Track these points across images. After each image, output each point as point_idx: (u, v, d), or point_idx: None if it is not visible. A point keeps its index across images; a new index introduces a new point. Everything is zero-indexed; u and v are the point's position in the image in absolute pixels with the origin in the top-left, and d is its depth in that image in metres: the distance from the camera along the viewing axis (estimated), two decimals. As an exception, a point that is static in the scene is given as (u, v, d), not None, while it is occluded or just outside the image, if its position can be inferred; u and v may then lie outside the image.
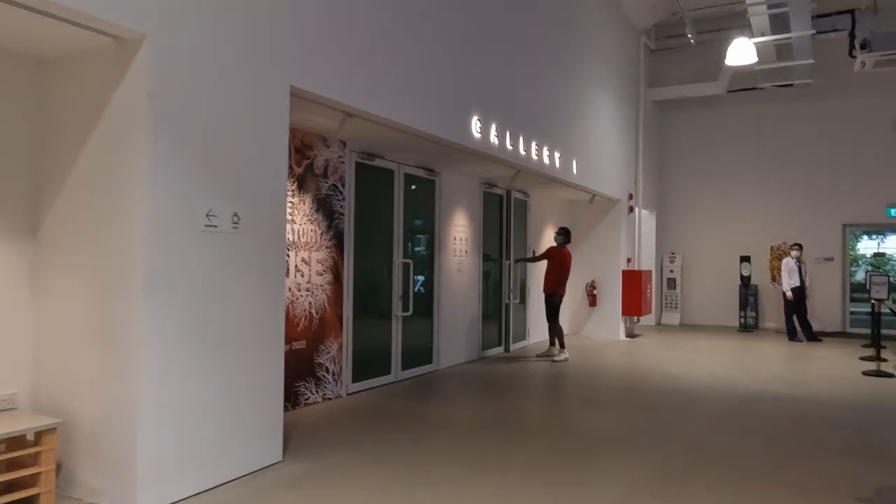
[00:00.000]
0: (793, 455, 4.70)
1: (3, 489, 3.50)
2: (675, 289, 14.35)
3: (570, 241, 9.39)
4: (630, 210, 12.04)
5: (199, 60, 3.72)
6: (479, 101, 6.82)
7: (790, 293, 11.34)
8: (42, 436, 3.50)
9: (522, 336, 10.33)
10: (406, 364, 7.42)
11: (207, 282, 3.77)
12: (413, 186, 7.61)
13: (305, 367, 5.92)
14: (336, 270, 6.28)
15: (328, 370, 6.18)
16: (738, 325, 13.30)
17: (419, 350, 7.73)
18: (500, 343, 9.65)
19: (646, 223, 13.40)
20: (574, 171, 9.44)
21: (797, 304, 11.46)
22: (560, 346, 9.13)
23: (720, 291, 13.95)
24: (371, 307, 6.93)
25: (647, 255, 13.49)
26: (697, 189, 14.37)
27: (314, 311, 6.01)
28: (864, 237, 13.30)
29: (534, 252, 10.44)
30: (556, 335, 9.16)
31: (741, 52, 10.46)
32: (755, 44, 10.70)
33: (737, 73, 12.56)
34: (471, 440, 4.96)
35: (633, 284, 11.56)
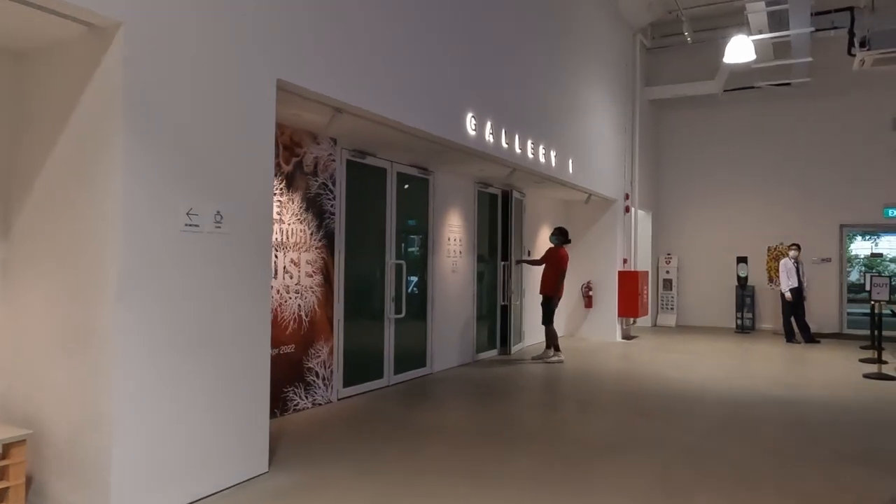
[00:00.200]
0: (799, 462, 4.54)
1: (-31, 505, 3.31)
2: (672, 290, 14.21)
3: (569, 241, 9.21)
4: (626, 210, 11.89)
5: (179, 50, 3.53)
6: (474, 98, 6.65)
7: (789, 294, 11.21)
8: (11, 448, 3.30)
9: (519, 338, 10.15)
10: (399, 368, 7.23)
11: (188, 285, 3.57)
12: (406, 186, 7.43)
13: (294, 372, 5.73)
14: (326, 272, 6.09)
15: (318, 375, 5.98)
16: (735, 327, 13.17)
17: (412, 353, 7.54)
18: (495, 346, 9.47)
19: (642, 223, 13.23)
20: (570, 171, 9.28)
21: (795, 306, 11.33)
22: (555, 349, 8.98)
23: (717, 292, 13.81)
24: (363, 309, 6.74)
25: (643, 256, 13.34)
26: (694, 189, 14.23)
27: (303, 314, 5.81)
28: (858, 238, 13.19)
29: (528, 252, 10.27)
30: (552, 338, 9.00)
31: (739, 50, 10.32)
32: (753, 41, 10.56)
33: (733, 72, 12.43)
34: (465, 448, 4.78)
35: (630, 286, 11.40)
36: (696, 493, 3.92)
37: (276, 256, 5.54)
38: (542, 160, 8.32)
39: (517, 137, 7.56)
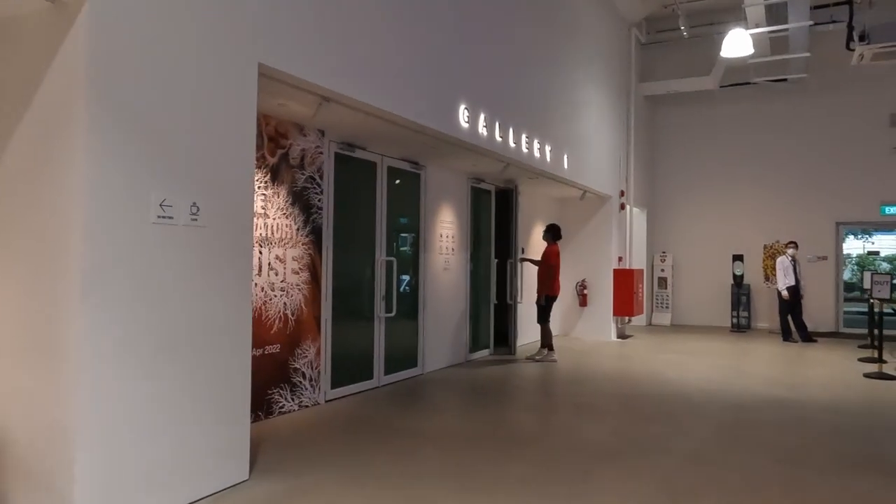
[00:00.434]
0: (807, 469, 4.35)
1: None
2: (667, 288, 14.05)
3: (560, 237, 8.98)
4: (621, 207, 11.70)
5: (151, 29, 3.28)
6: (467, 89, 6.42)
7: (786, 292, 11.06)
8: (-33, 457, 3.06)
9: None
10: (389, 368, 7.00)
11: (161, 282, 3.33)
12: (397, 181, 7.20)
13: (280, 373, 5.49)
14: (313, 269, 5.86)
15: (305, 376, 5.75)
16: (731, 326, 13.01)
17: (403, 353, 7.31)
18: (489, 345, 9.25)
19: (637, 221, 13.05)
20: (565, 166, 9.08)
21: (792, 304, 11.17)
22: (549, 348, 8.78)
23: (712, 291, 13.65)
24: (352, 308, 6.51)
25: (638, 254, 13.17)
26: (689, 186, 14.07)
27: (289, 313, 5.57)
28: (850, 236, 13.06)
29: (522, 250, 10.05)
30: (546, 337, 8.80)
31: (737, 44, 10.15)
32: (751, 35, 10.38)
33: (730, 68, 12.27)
34: (458, 453, 4.56)
35: (625, 284, 11.21)
36: (703, 502, 3.71)
37: (261, 252, 5.30)
38: (537, 155, 8.11)
39: (511, 131, 7.34)
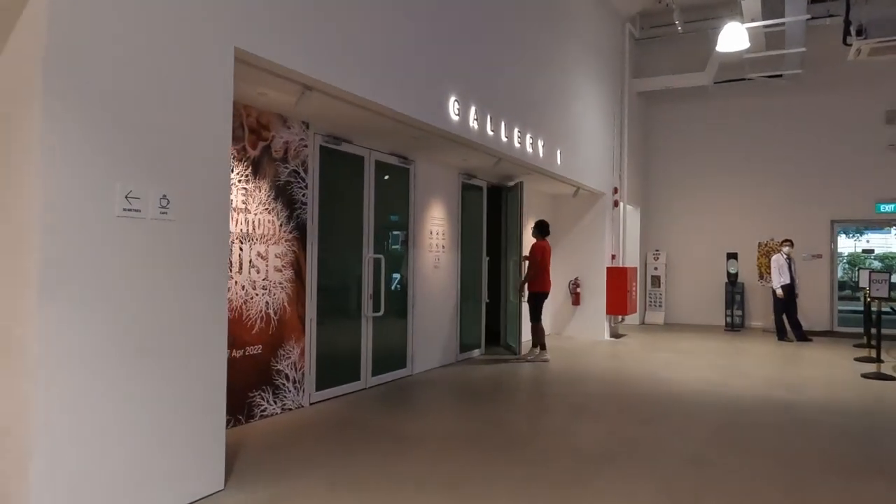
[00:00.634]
0: (811, 475, 4.17)
1: None
2: (660, 287, 13.90)
3: (548, 234, 8.74)
4: (615, 204, 11.52)
5: (117, 7, 3.05)
6: (458, 81, 6.21)
7: (780, 291, 10.91)
8: (-87, 469, 2.83)
9: (505, 336, 9.75)
10: (377, 369, 6.78)
11: (127, 279, 3.11)
12: (386, 176, 6.98)
13: (262, 375, 5.27)
14: (297, 266, 5.63)
15: (288, 377, 5.53)
16: (725, 325, 12.87)
17: (392, 353, 7.10)
18: (480, 345, 9.05)
19: (630, 218, 12.88)
20: (558, 162, 8.88)
21: (787, 303, 11.03)
22: (541, 348, 8.59)
23: (706, 289, 13.51)
24: (338, 307, 6.29)
25: (632, 252, 13.00)
26: (683, 183, 13.92)
27: (272, 312, 5.35)
28: (842, 235, 12.94)
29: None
30: (538, 336, 8.61)
31: (732, 38, 9.98)
32: (746, 30, 10.22)
33: (724, 64, 12.10)
34: (448, 459, 4.36)
35: (618, 282, 11.03)
36: (703, 511, 3.53)
37: (241, 249, 5.08)
38: (530, 150, 7.91)
39: (503, 125, 7.14)
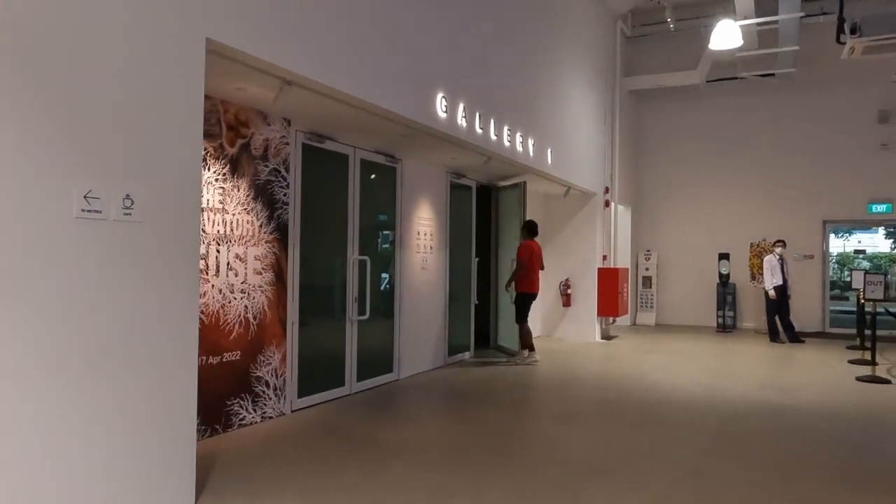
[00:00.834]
0: (812, 486, 4.01)
1: None
2: (651, 287, 13.76)
3: (536, 234, 8.55)
4: (606, 204, 11.36)
5: (75, -6, 2.83)
6: (445, 77, 6.01)
7: (773, 292, 10.79)
8: None
9: (496, 339, 9.57)
10: (362, 374, 6.57)
11: (87, 284, 2.89)
12: (373, 176, 6.77)
13: (240, 382, 5.04)
14: (278, 268, 5.41)
15: (269, 384, 5.31)
16: (716, 326, 12.75)
17: (378, 358, 6.89)
18: (469, 347, 8.85)
19: (621, 218, 12.74)
20: (549, 161, 8.70)
21: (779, 304, 10.91)
22: (529, 350, 8.40)
23: (697, 290, 13.39)
24: (321, 310, 6.08)
25: (623, 253, 12.85)
26: (674, 183, 13.79)
27: (251, 316, 5.13)
28: (832, 235, 12.86)
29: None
30: (525, 337, 8.42)
31: (725, 36, 9.84)
32: (739, 27, 10.08)
33: (716, 63, 11.98)
34: (434, 468, 4.16)
35: (610, 283, 10.87)
36: (701, 528, 3.36)
37: (219, 251, 4.86)
38: (520, 149, 7.72)
39: (493, 122, 6.95)
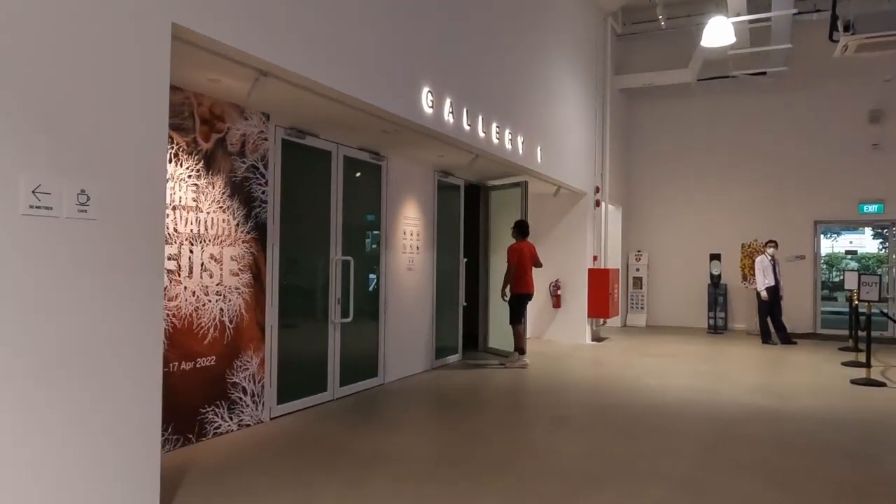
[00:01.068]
0: (812, 497, 3.83)
1: None
2: (642, 288, 13.63)
3: (526, 234, 8.37)
4: (597, 204, 11.20)
5: (22, -29, 2.61)
6: (431, 71, 5.81)
7: (765, 293, 10.66)
8: None
9: (486, 341, 9.37)
10: (346, 379, 6.35)
11: (37, 286, 2.66)
12: (358, 174, 6.55)
13: (215, 389, 4.81)
14: (256, 269, 5.19)
15: (245, 391, 5.08)
16: (708, 327, 12.62)
17: (362, 361, 6.67)
18: (457, 350, 8.65)
19: (612, 219, 12.58)
20: (538, 160, 8.52)
21: (771, 305, 10.78)
22: (520, 353, 8.22)
23: (688, 291, 13.26)
24: (302, 313, 5.85)
25: (613, 253, 12.69)
26: (665, 183, 13.66)
27: (227, 320, 4.90)
28: (822, 236, 12.77)
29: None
30: (517, 339, 8.23)
31: (717, 33, 9.69)
32: (732, 24, 9.94)
33: (708, 61, 11.86)
34: (419, 481, 3.95)
35: (600, 284, 10.70)
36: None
37: (192, 251, 4.62)
38: (509, 146, 7.53)
39: (480, 119, 6.75)
